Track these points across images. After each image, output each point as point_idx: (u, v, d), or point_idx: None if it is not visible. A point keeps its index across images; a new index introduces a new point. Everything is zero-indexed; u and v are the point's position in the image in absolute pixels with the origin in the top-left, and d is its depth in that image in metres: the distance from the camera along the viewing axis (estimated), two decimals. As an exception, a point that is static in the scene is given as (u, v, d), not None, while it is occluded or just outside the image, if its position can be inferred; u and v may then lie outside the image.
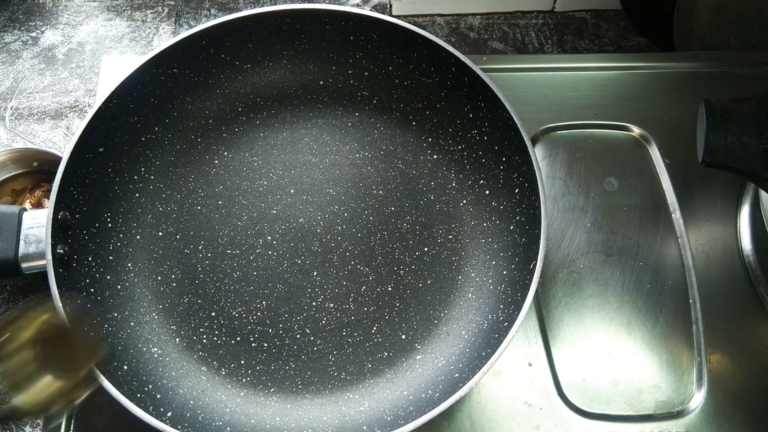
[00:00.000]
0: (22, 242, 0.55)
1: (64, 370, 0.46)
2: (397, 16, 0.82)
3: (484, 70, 0.60)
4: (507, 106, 0.59)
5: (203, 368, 0.57)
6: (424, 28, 0.62)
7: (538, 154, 0.65)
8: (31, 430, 0.61)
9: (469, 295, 0.60)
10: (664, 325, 0.61)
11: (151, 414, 0.49)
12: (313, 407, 0.56)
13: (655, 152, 0.69)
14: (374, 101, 0.67)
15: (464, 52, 0.62)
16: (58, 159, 0.56)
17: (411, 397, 0.55)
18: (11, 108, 0.76)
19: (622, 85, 0.72)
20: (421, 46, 0.62)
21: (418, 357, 0.58)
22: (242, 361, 0.57)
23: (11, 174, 0.68)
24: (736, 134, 0.52)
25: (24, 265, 0.55)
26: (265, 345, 0.58)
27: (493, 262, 0.60)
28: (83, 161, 0.57)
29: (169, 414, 0.52)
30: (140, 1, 0.86)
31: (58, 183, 0.55)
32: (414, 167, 0.65)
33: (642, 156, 0.69)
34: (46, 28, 0.83)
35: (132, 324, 0.57)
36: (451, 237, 0.62)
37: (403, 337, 0.59)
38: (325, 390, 0.57)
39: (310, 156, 0.65)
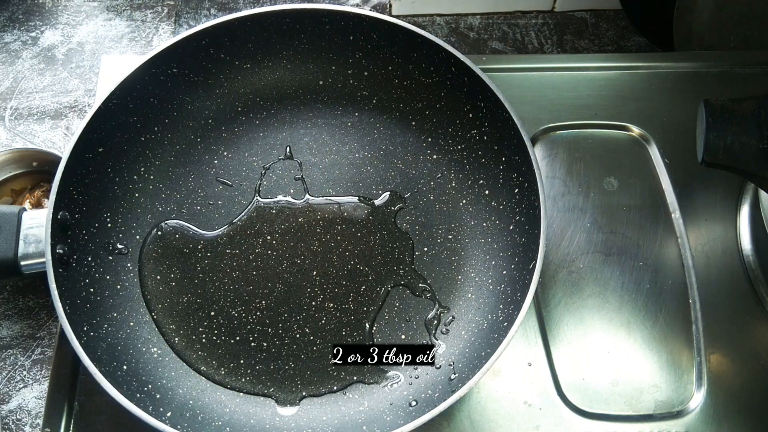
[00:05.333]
0: (21, 242, 0.55)
1: None
2: (397, 16, 0.82)
3: (484, 70, 0.60)
4: (507, 106, 0.59)
5: (203, 368, 0.57)
6: (423, 28, 0.62)
7: (537, 154, 0.65)
8: (31, 430, 0.61)
9: (469, 295, 0.60)
10: (664, 325, 0.61)
11: (150, 414, 0.49)
12: (313, 407, 0.56)
13: (654, 152, 0.69)
14: (374, 101, 0.67)
15: (464, 52, 0.62)
16: (58, 159, 0.56)
17: (411, 397, 0.55)
18: (11, 108, 0.76)
19: (621, 85, 0.72)
20: (420, 46, 0.62)
21: (417, 357, 0.58)
22: (242, 361, 0.57)
23: (11, 174, 0.68)
24: (736, 134, 0.52)
25: (24, 264, 0.55)
26: (265, 345, 0.58)
27: (493, 262, 0.60)
28: (83, 161, 0.57)
29: (168, 414, 0.53)
30: (140, 1, 0.86)
31: (58, 183, 0.55)
32: (414, 167, 0.65)
33: (642, 156, 0.69)
34: (46, 28, 0.83)
35: (132, 324, 0.57)
36: (450, 237, 0.62)
37: (402, 336, 0.59)
38: (325, 390, 0.57)
39: (310, 156, 0.65)
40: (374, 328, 0.59)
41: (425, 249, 0.62)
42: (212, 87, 0.66)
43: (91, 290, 0.56)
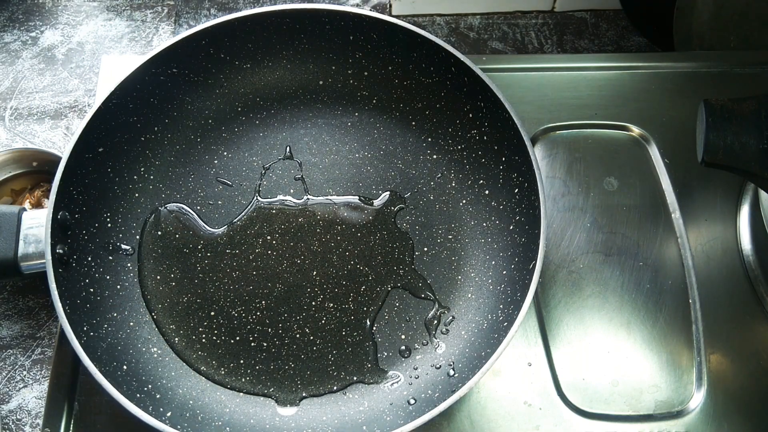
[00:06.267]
0: (21, 242, 0.55)
1: None
2: (397, 16, 0.82)
3: (484, 70, 0.60)
4: (507, 106, 0.59)
5: (203, 368, 0.57)
6: (423, 28, 0.62)
7: (537, 154, 0.65)
8: (31, 430, 0.61)
9: (469, 295, 0.60)
10: (664, 325, 0.61)
11: (150, 414, 0.49)
12: (313, 407, 0.56)
13: (654, 152, 0.69)
14: (374, 101, 0.67)
15: (464, 52, 0.62)
16: (58, 159, 0.56)
17: (411, 397, 0.55)
18: (11, 108, 0.76)
19: (621, 85, 0.72)
20: (420, 46, 0.62)
21: (417, 357, 0.58)
22: (241, 361, 0.57)
23: (11, 174, 0.67)
24: (736, 134, 0.52)
25: (23, 264, 0.55)
26: (265, 345, 0.58)
27: (493, 262, 0.60)
28: (83, 161, 0.57)
29: (168, 414, 0.52)
30: (140, 1, 0.86)
31: (58, 183, 0.55)
32: (414, 167, 0.65)
33: (642, 156, 0.69)
34: (46, 28, 0.83)
35: (132, 324, 0.57)
36: (450, 237, 0.62)
37: (403, 336, 0.59)
38: (324, 390, 0.57)
39: (310, 156, 0.65)
40: (374, 328, 0.59)
41: (425, 249, 0.62)
42: (212, 87, 0.66)
43: (91, 290, 0.56)
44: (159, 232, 0.61)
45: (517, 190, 0.60)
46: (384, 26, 0.62)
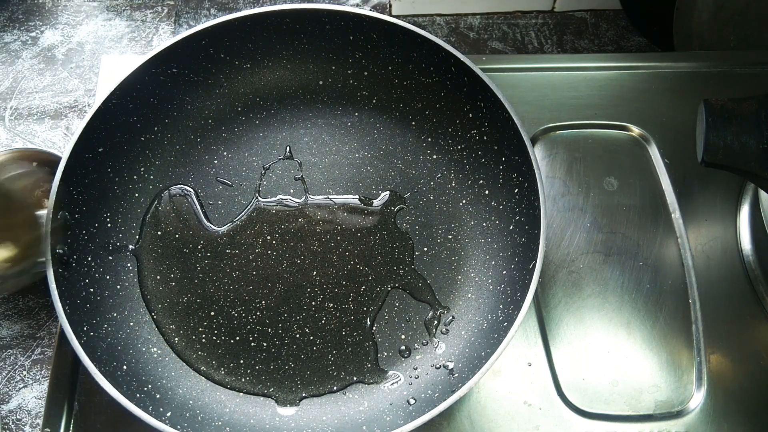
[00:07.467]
0: (21, 242, 0.55)
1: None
2: (397, 16, 0.82)
3: (484, 70, 0.60)
4: (506, 106, 0.59)
5: (203, 368, 0.57)
6: (423, 28, 0.62)
7: (537, 154, 0.65)
8: (31, 430, 0.61)
9: (469, 295, 0.60)
10: (664, 325, 0.61)
11: (150, 414, 0.49)
12: (313, 407, 0.56)
13: (654, 152, 0.69)
14: (374, 101, 0.67)
15: (464, 52, 0.62)
16: (58, 159, 0.56)
17: (411, 397, 0.56)
18: (11, 108, 0.76)
19: (621, 85, 0.72)
20: (420, 46, 0.62)
21: (417, 357, 0.58)
22: (241, 361, 0.57)
23: (11, 174, 0.67)
24: (736, 134, 0.52)
25: (23, 264, 0.55)
26: (265, 345, 0.58)
27: (493, 262, 0.60)
28: (83, 161, 0.57)
29: (168, 414, 0.53)
30: (140, 1, 0.86)
31: (58, 183, 0.55)
32: (414, 167, 0.65)
33: (642, 156, 0.69)
34: (46, 28, 0.82)
35: (131, 324, 0.57)
36: (450, 237, 0.62)
37: (402, 336, 0.59)
38: (324, 390, 0.57)
39: (310, 156, 0.65)
40: (374, 328, 0.59)
41: (425, 249, 0.62)
42: (212, 87, 0.66)
43: (91, 290, 0.56)
44: (159, 232, 0.61)
45: (517, 190, 0.60)
46: (384, 26, 0.62)
